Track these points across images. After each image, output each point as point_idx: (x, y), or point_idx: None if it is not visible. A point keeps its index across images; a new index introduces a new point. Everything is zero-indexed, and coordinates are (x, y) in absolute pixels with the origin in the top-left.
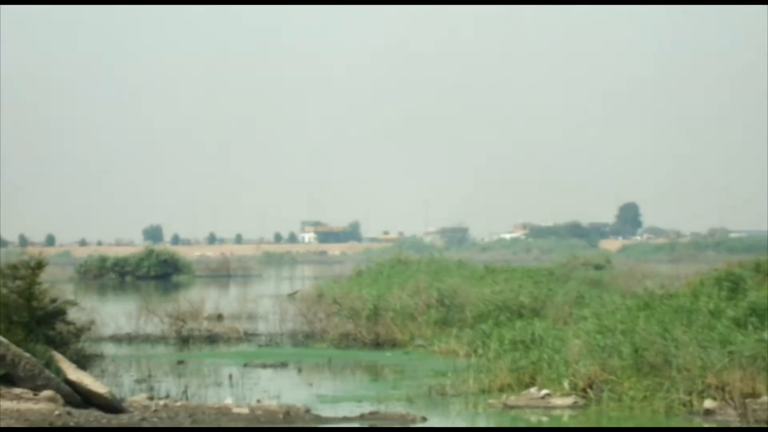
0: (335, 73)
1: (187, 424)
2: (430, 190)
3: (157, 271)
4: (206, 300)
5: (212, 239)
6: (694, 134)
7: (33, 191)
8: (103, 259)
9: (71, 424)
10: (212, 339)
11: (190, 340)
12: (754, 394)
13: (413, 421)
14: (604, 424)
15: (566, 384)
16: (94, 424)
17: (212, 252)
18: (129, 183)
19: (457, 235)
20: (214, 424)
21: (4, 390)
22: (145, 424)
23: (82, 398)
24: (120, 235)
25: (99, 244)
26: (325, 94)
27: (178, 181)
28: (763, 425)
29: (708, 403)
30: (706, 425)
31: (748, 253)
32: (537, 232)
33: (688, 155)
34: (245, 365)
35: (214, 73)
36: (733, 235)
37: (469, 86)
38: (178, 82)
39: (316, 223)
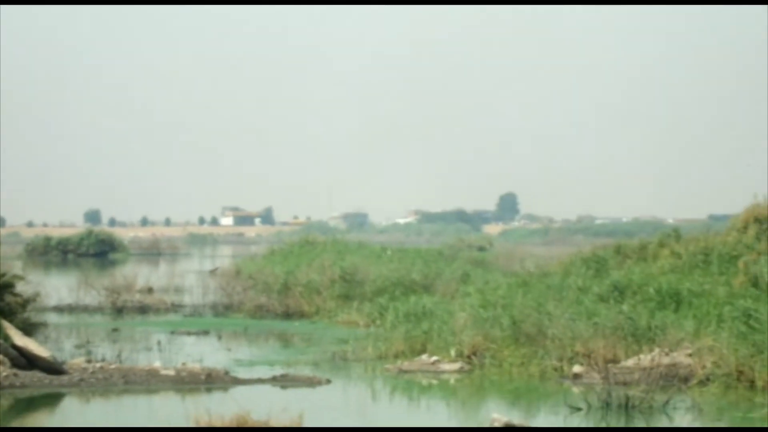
0: (259, 64)
1: (120, 384)
2: (334, 179)
3: (95, 250)
4: (138, 275)
5: (144, 222)
6: (566, 130)
7: None
8: (47, 239)
9: (17, 384)
10: (143, 309)
11: (123, 310)
12: (615, 360)
13: (319, 383)
14: (486, 386)
15: (453, 351)
16: (37, 384)
17: (144, 233)
18: (72, 168)
19: (357, 220)
20: (145, 385)
21: None
22: (83, 385)
23: (27, 361)
24: (63, 218)
25: (44, 225)
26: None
27: (114, 168)
28: (623, 387)
29: (576, 369)
30: (575, 388)
31: (611, 238)
32: (427, 218)
33: (559, 149)
34: (172, 333)
35: (165, 60)
36: (598, 221)
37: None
38: (132, 66)
39: (235, 209)
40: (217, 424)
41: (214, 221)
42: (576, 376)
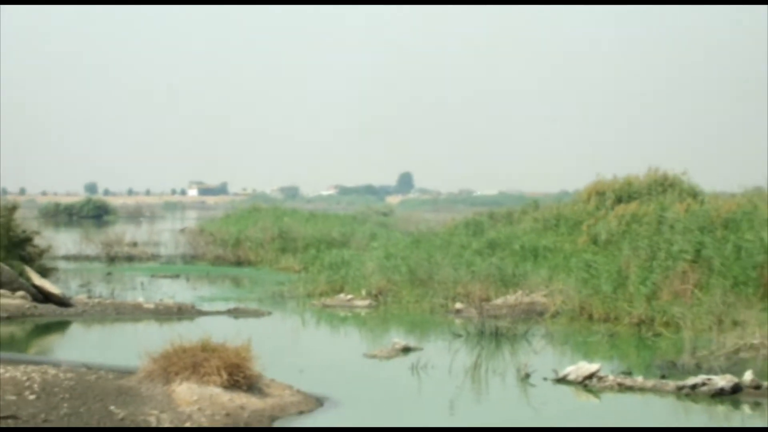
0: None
1: (113, 314)
2: (275, 157)
3: (93, 213)
4: (126, 233)
5: (130, 192)
6: (455, 111)
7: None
8: (57, 205)
9: (36, 314)
10: (130, 258)
11: (115, 259)
12: (488, 299)
13: (263, 314)
14: (389, 318)
15: (364, 291)
16: (51, 314)
17: (130, 200)
18: (76, 145)
19: (291, 192)
20: (131, 315)
21: None
22: (85, 315)
23: (44, 297)
24: (69, 188)
25: (55, 194)
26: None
27: (107, 148)
28: (494, 319)
29: (458, 305)
30: (457, 320)
31: (485, 207)
32: (343, 191)
33: (448, 133)
34: (152, 276)
35: (160, 44)
36: (475, 194)
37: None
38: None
39: (199, 182)
40: (186, 345)
41: (183, 192)
42: (458, 311)
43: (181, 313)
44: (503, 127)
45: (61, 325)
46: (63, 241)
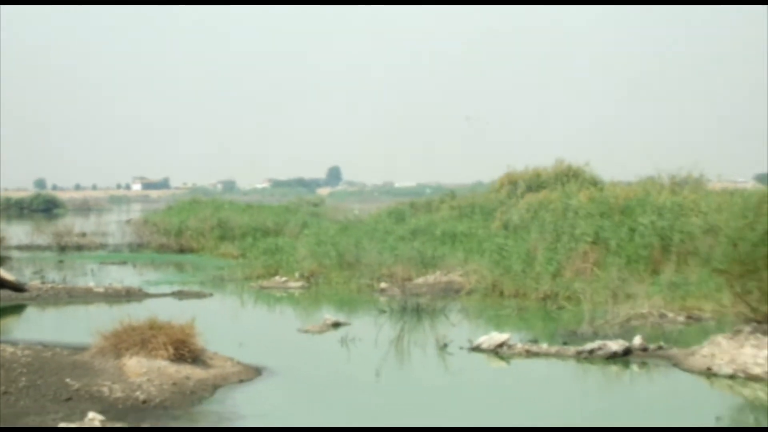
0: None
1: (66, 298)
2: (213, 153)
3: (43, 207)
4: (75, 224)
5: (77, 186)
6: (377, 108)
7: None
8: (7, 200)
9: None
10: (80, 247)
11: (65, 248)
12: (410, 279)
13: (205, 296)
14: (320, 298)
15: (297, 274)
16: (7, 299)
17: (77, 195)
18: (24, 141)
19: (228, 185)
20: (83, 299)
21: None
22: (39, 299)
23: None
24: (19, 185)
25: (5, 189)
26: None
27: (55, 144)
28: (415, 297)
29: (382, 285)
30: (382, 298)
31: (406, 197)
32: (277, 184)
33: (374, 125)
34: (101, 263)
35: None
36: (396, 185)
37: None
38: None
39: (142, 177)
40: (135, 324)
41: (128, 186)
42: (382, 290)
43: (129, 296)
44: (422, 123)
45: (16, 309)
46: (15, 233)
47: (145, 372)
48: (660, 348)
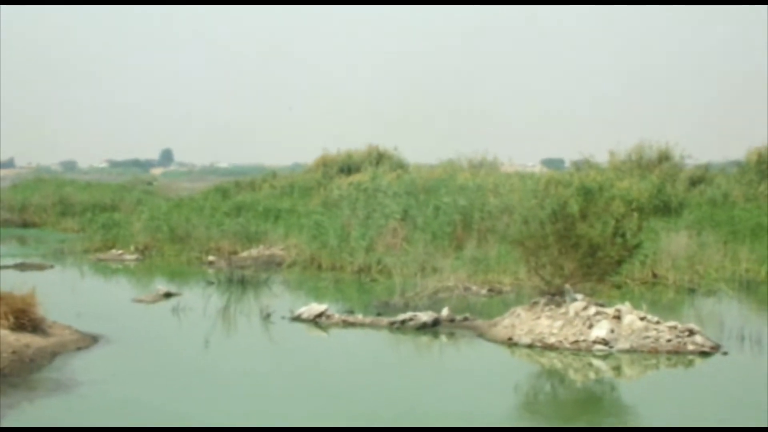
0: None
1: None
2: (56, 133)
3: None
4: None
5: None
6: (206, 92)
7: None
8: None
9: None
10: None
11: None
12: (235, 252)
13: (46, 267)
14: (154, 269)
15: (132, 247)
16: None
17: None
18: None
19: (69, 165)
20: None
21: None
22: None
23: None
24: None
25: None
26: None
27: None
28: (240, 269)
29: (210, 258)
30: (210, 270)
31: (232, 176)
32: (114, 164)
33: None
34: None
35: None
36: (222, 165)
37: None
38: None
39: None
40: None
41: None
42: (210, 262)
43: None
44: (247, 110)
45: None
46: None
47: None
48: (466, 319)
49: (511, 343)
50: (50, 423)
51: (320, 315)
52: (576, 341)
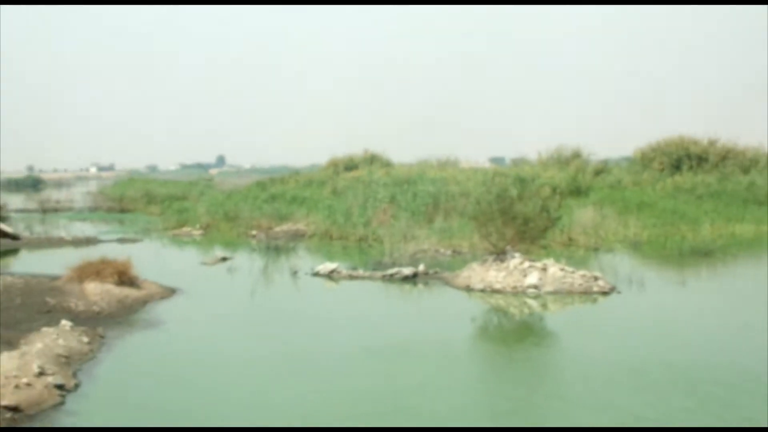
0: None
1: (46, 244)
2: (142, 143)
3: (31, 184)
4: (52, 195)
5: (55, 170)
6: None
7: None
8: (8, 179)
9: None
10: (56, 210)
11: (46, 211)
12: (271, 228)
13: (136, 241)
14: (213, 241)
15: (197, 226)
16: (6, 245)
17: (54, 176)
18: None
19: (152, 168)
20: (58, 245)
21: None
22: (29, 245)
23: (2, 234)
24: (14, 168)
25: (4, 172)
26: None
27: (42, 134)
28: (275, 240)
29: (253, 232)
30: (253, 241)
31: (267, 174)
32: (184, 166)
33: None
34: (69, 220)
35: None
36: (262, 166)
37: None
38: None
39: (96, 163)
40: (91, 261)
41: (87, 170)
42: (253, 235)
43: (88, 242)
44: (277, 122)
45: (13, 252)
46: (12, 201)
47: (98, 293)
48: (436, 273)
49: (468, 289)
50: (143, 350)
51: (332, 271)
52: (515, 287)
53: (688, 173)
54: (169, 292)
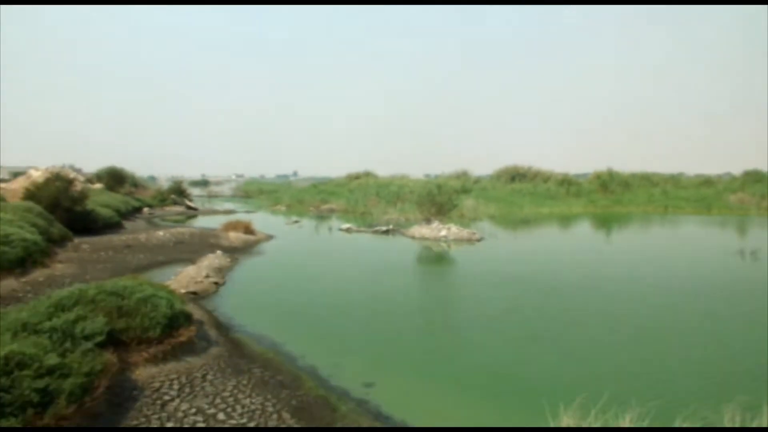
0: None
1: (210, 212)
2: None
3: (200, 183)
4: (212, 188)
5: (211, 176)
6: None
7: None
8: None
9: (188, 214)
10: (216, 196)
11: (210, 196)
12: (319, 206)
13: (254, 212)
14: (291, 213)
15: (283, 206)
16: (191, 213)
17: (215, 179)
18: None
19: (284, 177)
20: (216, 213)
21: None
22: (201, 213)
23: (188, 207)
24: (224, 172)
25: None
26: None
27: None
28: (321, 213)
29: (311, 208)
30: (312, 213)
31: (318, 181)
32: (277, 176)
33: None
34: (224, 201)
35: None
36: (314, 175)
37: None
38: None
39: (239, 174)
40: (232, 221)
41: (228, 176)
42: (311, 210)
43: (230, 213)
44: (318, 145)
45: (194, 217)
46: (194, 192)
47: (235, 237)
48: (398, 230)
49: (414, 238)
50: (257, 267)
51: (348, 228)
52: (435, 237)
53: (518, 183)
54: (270, 237)
